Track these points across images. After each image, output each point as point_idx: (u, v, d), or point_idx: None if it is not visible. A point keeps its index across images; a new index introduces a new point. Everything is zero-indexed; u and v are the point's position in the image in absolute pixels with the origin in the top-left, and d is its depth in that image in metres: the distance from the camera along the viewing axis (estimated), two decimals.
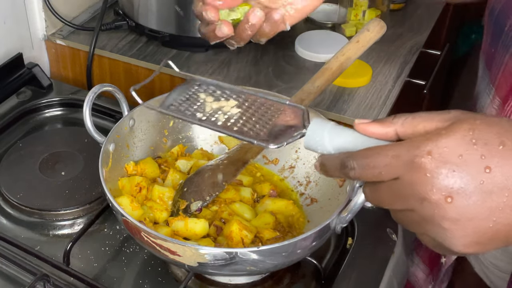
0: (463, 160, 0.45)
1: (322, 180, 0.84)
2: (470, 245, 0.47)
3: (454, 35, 2.14)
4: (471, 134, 0.45)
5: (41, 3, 1.16)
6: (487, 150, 0.45)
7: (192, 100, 0.64)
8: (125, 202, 0.78)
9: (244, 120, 0.60)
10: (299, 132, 0.56)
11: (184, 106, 0.63)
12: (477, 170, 0.45)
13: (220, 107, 0.62)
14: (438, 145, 0.46)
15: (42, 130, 1.05)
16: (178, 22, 1.15)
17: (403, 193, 0.47)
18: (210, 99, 0.64)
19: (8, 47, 1.12)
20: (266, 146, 0.57)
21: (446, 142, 0.46)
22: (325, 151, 0.54)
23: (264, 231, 0.77)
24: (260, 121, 0.60)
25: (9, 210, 0.89)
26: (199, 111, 0.62)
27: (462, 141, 0.45)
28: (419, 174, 0.46)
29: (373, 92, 1.07)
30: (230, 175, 0.81)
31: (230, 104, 0.63)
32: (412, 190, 0.46)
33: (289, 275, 0.82)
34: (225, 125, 0.60)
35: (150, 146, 0.88)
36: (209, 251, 0.67)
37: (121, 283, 0.79)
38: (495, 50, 0.75)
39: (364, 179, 0.49)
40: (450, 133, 0.46)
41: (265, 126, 0.59)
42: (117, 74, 1.18)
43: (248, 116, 0.61)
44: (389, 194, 0.48)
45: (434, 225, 0.47)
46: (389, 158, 0.47)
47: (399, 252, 0.86)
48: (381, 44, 1.17)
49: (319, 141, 0.54)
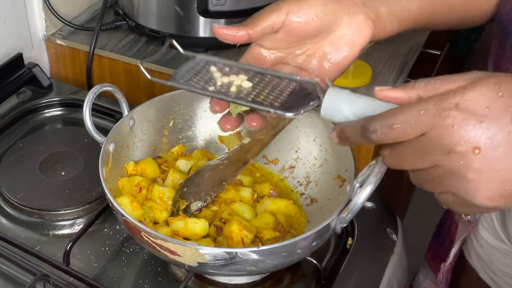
0: (490, 112, 0.46)
1: (322, 180, 0.84)
2: (494, 198, 0.47)
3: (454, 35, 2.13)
4: (497, 87, 0.46)
5: (41, 3, 1.16)
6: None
7: (201, 75, 0.63)
8: (125, 202, 0.78)
9: (257, 92, 0.59)
10: (316, 101, 0.55)
11: (194, 80, 0.62)
12: (504, 121, 0.46)
13: (231, 81, 0.61)
14: (465, 97, 0.46)
15: (42, 130, 1.05)
16: (178, 22, 1.15)
17: (429, 149, 0.47)
18: (219, 74, 0.63)
19: (8, 47, 1.12)
20: (283, 115, 0.56)
21: (473, 95, 0.46)
22: (343, 119, 0.53)
23: (264, 231, 0.77)
24: (273, 93, 0.59)
25: (9, 210, 0.89)
26: (210, 85, 0.61)
27: (488, 93, 0.46)
28: (447, 127, 0.46)
29: (373, 92, 1.07)
30: (230, 175, 0.81)
31: (240, 78, 0.62)
32: (439, 144, 0.46)
33: (289, 275, 0.82)
34: (238, 96, 0.59)
35: (150, 146, 0.88)
36: (209, 251, 0.67)
37: (121, 283, 0.79)
38: (503, 53, 0.75)
39: (387, 140, 0.49)
40: (476, 87, 0.46)
41: (279, 97, 0.58)
42: (117, 74, 1.18)
43: (260, 88, 0.60)
44: (413, 153, 0.48)
45: (458, 178, 0.47)
46: (416, 114, 0.47)
47: (399, 252, 0.86)
48: (381, 44, 1.17)
49: (337, 109, 0.53)
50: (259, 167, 0.90)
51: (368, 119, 0.50)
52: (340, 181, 0.80)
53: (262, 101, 0.58)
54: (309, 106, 0.56)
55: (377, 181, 0.62)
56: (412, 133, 0.48)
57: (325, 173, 0.84)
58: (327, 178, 0.83)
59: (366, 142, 0.51)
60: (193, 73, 0.64)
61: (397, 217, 0.92)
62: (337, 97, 0.54)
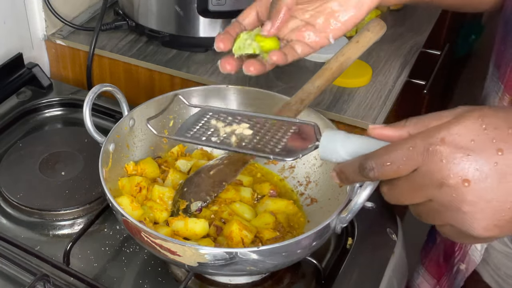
0: (475, 144, 0.47)
1: (322, 180, 0.84)
2: (489, 228, 0.48)
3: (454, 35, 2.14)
4: (480, 120, 0.48)
5: (41, 3, 1.16)
6: (497, 134, 0.47)
7: (205, 127, 0.66)
8: (125, 202, 0.78)
9: (258, 139, 0.62)
10: (313, 144, 0.58)
11: (199, 133, 0.65)
12: (490, 153, 0.47)
13: (233, 130, 0.64)
14: (451, 132, 0.47)
15: (42, 130, 1.05)
16: (178, 22, 1.15)
17: (422, 184, 0.48)
18: (222, 124, 0.66)
19: (8, 47, 1.12)
20: (282, 160, 0.60)
21: (458, 129, 0.48)
22: (340, 159, 0.55)
23: (264, 231, 0.77)
24: (274, 139, 0.62)
25: (9, 210, 0.89)
26: (214, 136, 0.64)
27: (473, 126, 0.48)
28: (435, 161, 0.47)
29: (373, 92, 1.07)
30: (230, 175, 0.81)
31: (242, 126, 0.65)
32: (430, 179, 0.48)
33: (289, 275, 0.82)
34: (240, 145, 0.62)
35: (150, 146, 0.88)
36: (209, 251, 0.67)
37: (121, 283, 0.79)
38: (505, 48, 0.76)
39: (384, 177, 0.51)
40: (461, 121, 0.48)
41: (279, 143, 0.61)
42: (117, 74, 1.18)
43: (261, 135, 0.63)
44: (408, 188, 0.50)
45: (453, 210, 0.48)
46: (405, 151, 0.49)
47: (399, 252, 0.86)
48: (381, 44, 1.17)
49: (333, 150, 0.56)
50: (259, 167, 0.90)
51: (364, 157, 0.51)
52: None
53: (262, 147, 0.61)
54: (308, 149, 0.59)
55: (377, 181, 0.62)
56: (404, 169, 0.49)
57: (325, 173, 0.84)
58: (327, 178, 0.83)
59: (364, 180, 0.53)
60: (197, 125, 0.67)
61: (397, 217, 0.92)
62: (333, 138, 0.56)
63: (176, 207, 0.80)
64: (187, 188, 0.81)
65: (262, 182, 0.87)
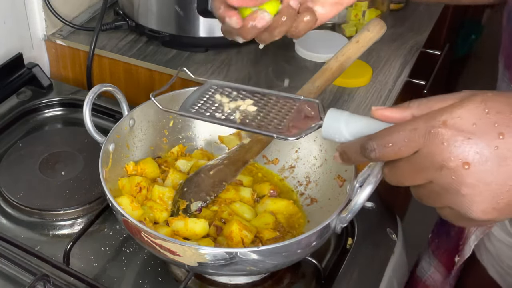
0: (477, 128, 0.47)
1: (322, 180, 0.84)
2: (488, 211, 0.48)
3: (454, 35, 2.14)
4: (483, 104, 0.48)
5: (41, 3, 1.16)
6: (499, 118, 0.47)
7: (209, 102, 0.66)
8: (125, 202, 0.78)
9: (262, 116, 0.62)
10: (316, 123, 0.58)
11: (203, 108, 0.65)
12: (491, 137, 0.47)
13: (237, 106, 0.64)
14: (453, 115, 0.48)
15: (42, 130, 1.05)
16: (178, 22, 1.15)
17: (423, 165, 0.49)
18: (226, 99, 0.66)
19: (8, 47, 1.12)
20: (285, 139, 0.59)
21: (460, 112, 0.48)
22: (342, 139, 0.56)
23: (264, 231, 0.77)
24: (277, 117, 0.62)
25: (9, 210, 0.89)
26: (218, 112, 0.64)
27: (475, 110, 0.48)
28: (437, 144, 0.48)
29: (373, 92, 1.07)
30: (230, 175, 0.81)
31: (246, 103, 0.65)
32: (431, 161, 0.48)
33: (289, 275, 0.82)
34: (244, 122, 0.62)
35: (150, 146, 0.88)
36: (209, 251, 0.67)
37: (121, 283, 0.79)
38: None
39: (385, 158, 0.51)
40: (463, 104, 0.48)
41: (282, 121, 0.61)
42: (117, 74, 1.18)
43: (265, 112, 0.63)
44: (409, 170, 0.50)
45: (452, 193, 0.48)
46: (407, 133, 0.49)
47: (399, 252, 0.86)
48: (381, 44, 1.17)
49: (336, 130, 0.56)
50: (259, 167, 0.90)
51: (366, 138, 0.52)
52: (340, 181, 0.80)
53: (266, 125, 0.61)
54: (311, 128, 0.59)
55: (377, 181, 0.62)
56: (406, 151, 0.49)
57: (325, 173, 0.84)
58: (327, 178, 0.83)
59: (366, 160, 0.53)
60: (202, 100, 0.67)
61: (397, 217, 0.92)
62: (336, 119, 0.56)
63: (176, 207, 0.80)
64: (187, 188, 0.81)
65: (262, 182, 0.87)
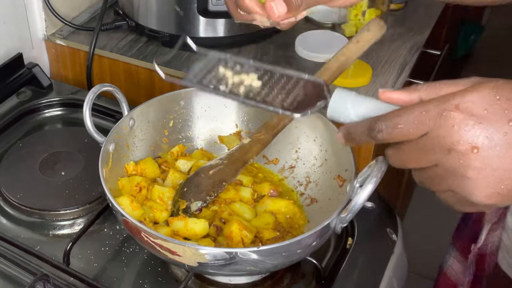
0: (488, 113, 0.48)
1: (322, 180, 0.84)
2: (492, 196, 0.49)
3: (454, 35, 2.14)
4: (495, 91, 0.49)
5: (41, 3, 1.16)
6: (510, 105, 0.48)
7: (213, 74, 0.64)
8: (125, 202, 0.78)
9: (266, 91, 0.61)
10: (323, 101, 0.57)
11: (206, 79, 0.63)
12: (501, 123, 0.48)
13: (242, 80, 0.63)
14: (465, 99, 0.49)
15: (42, 130, 1.05)
16: (178, 22, 1.15)
17: (430, 148, 0.50)
18: (230, 73, 0.64)
19: (8, 47, 1.12)
20: (291, 115, 0.57)
21: (472, 97, 0.49)
22: (348, 120, 0.55)
23: (264, 231, 0.77)
24: (282, 93, 0.60)
25: (9, 210, 0.89)
26: (222, 84, 0.63)
27: (487, 96, 0.49)
28: (447, 127, 0.48)
29: (373, 92, 1.07)
30: (230, 175, 0.81)
31: (251, 77, 0.63)
32: (439, 143, 0.49)
33: (289, 275, 0.82)
34: (248, 96, 0.61)
35: (150, 146, 0.88)
36: (209, 251, 0.67)
37: (121, 283, 0.79)
38: None
39: (391, 140, 0.51)
40: (476, 90, 0.49)
41: (287, 97, 0.60)
42: (117, 74, 1.18)
43: (270, 87, 0.61)
44: (415, 152, 0.51)
45: (458, 176, 0.49)
46: (417, 114, 0.50)
47: (399, 252, 0.86)
48: (381, 44, 1.17)
49: (342, 110, 0.55)
50: (259, 167, 0.90)
51: (374, 119, 0.52)
52: (340, 181, 0.80)
53: (271, 100, 0.60)
54: (317, 107, 0.57)
55: (377, 181, 0.62)
56: (414, 133, 0.50)
57: (325, 173, 0.84)
58: (327, 178, 0.83)
59: (371, 141, 0.53)
60: (205, 72, 0.65)
61: (397, 217, 0.92)
62: (343, 99, 0.55)
63: (176, 207, 0.80)
64: (187, 188, 0.81)
65: (262, 182, 0.87)
